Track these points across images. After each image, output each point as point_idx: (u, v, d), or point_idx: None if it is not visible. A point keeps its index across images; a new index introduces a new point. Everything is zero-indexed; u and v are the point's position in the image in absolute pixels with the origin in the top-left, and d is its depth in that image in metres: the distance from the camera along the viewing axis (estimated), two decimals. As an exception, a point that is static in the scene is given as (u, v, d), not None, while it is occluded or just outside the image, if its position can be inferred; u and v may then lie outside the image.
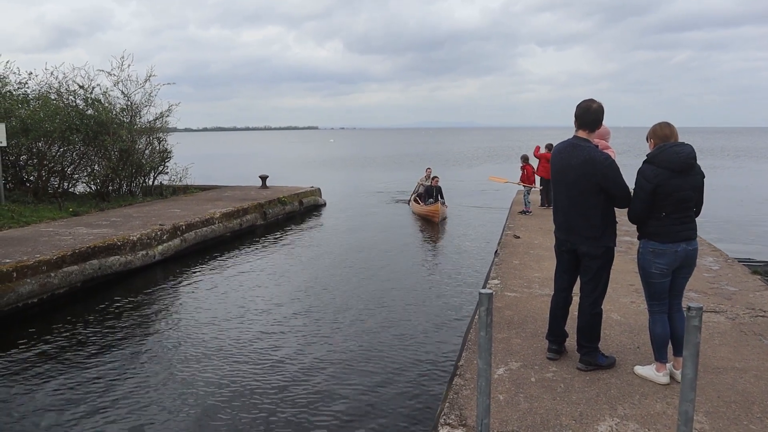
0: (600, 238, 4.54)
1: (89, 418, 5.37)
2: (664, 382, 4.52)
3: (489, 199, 21.48)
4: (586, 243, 4.56)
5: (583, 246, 4.59)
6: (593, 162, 4.44)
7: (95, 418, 5.37)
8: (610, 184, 4.43)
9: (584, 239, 4.56)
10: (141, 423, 5.29)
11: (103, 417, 5.38)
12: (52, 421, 5.32)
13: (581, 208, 4.54)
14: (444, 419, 3.94)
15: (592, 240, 4.54)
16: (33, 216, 13.12)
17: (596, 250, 4.56)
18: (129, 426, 5.23)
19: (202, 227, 13.15)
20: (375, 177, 33.71)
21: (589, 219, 4.52)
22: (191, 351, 6.96)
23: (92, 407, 5.57)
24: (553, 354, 4.96)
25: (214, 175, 27.33)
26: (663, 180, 4.20)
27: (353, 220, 17.41)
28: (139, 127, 18.12)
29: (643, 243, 4.46)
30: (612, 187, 4.44)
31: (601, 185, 4.44)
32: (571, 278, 4.86)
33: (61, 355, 6.89)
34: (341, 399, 5.70)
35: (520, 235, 10.82)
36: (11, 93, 16.89)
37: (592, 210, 4.51)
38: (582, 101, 4.67)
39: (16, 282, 8.33)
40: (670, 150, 4.23)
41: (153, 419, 5.35)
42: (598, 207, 4.50)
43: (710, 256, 8.98)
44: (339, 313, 8.32)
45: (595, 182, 4.44)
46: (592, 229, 4.53)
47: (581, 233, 4.57)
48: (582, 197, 4.52)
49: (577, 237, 4.60)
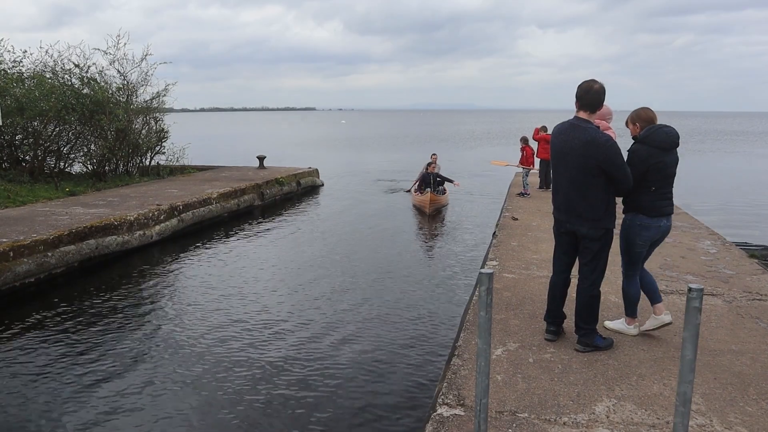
0: (600, 219, 4.52)
1: (86, 396, 5.38)
2: (633, 334, 5.13)
3: (487, 182, 21.43)
4: (585, 225, 4.55)
5: (582, 228, 4.57)
6: (595, 143, 4.41)
7: (92, 396, 5.38)
8: (611, 166, 4.41)
9: (584, 221, 4.55)
10: (138, 401, 5.30)
11: (99, 395, 5.40)
12: (48, 400, 5.34)
13: (581, 189, 4.51)
14: (442, 399, 3.95)
15: (592, 222, 4.53)
16: (29, 196, 13.06)
17: (596, 232, 4.55)
18: (126, 404, 5.25)
19: (199, 207, 13.11)
20: (374, 158, 33.59)
21: (589, 200, 4.50)
22: (189, 330, 6.96)
23: (89, 386, 5.58)
24: (551, 335, 4.96)
25: (211, 156, 27.20)
26: (655, 158, 4.58)
27: (351, 201, 17.36)
28: (135, 107, 17.97)
29: (630, 216, 4.81)
30: (613, 169, 4.42)
31: (602, 167, 4.41)
32: (570, 260, 4.86)
33: (58, 335, 6.88)
34: (338, 379, 5.72)
35: (518, 217, 10.81)
36: (6, 71, 16.71)
37: (593, 191, 4.49)
38: (583, 81, 4.62)
39: (13, 261, 8.30)
40: (660, 131, 4.63)
41: (150, 397, 5.37)
42: (598, 188, 4.48)
43: (708, 240, 8.99)
44: (335, 294, 8.32)
45: (596, 164, 4.42)
46: (592, 210, 4.51)
47: (581, 215, 4.55)
48: (582, 178, 4.49)
49: (577, 218, 4.58)
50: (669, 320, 5.14)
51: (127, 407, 5.20)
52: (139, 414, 5.10)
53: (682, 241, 8.87)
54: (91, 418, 5.03)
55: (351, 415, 5.07)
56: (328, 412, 5.12)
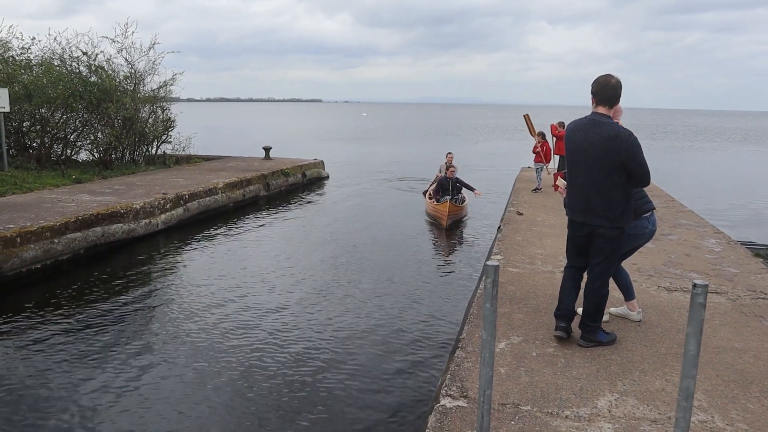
0: (618, 218, 4.44)
1: (90, 383, 5.43)
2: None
3: (491, 176, 21.39)
4: (603, 224, 4.46)
5: (600, 228, 4.48)
6: (618, 138, 4.30)
7: (96, 382, 5.43)
8: (634, 162, 4.32)
9: (602, 219, 4.45)
10: (141, 387, 5.35)
11: (104, 381, 5.45)
12: (53, 385, 5.39)
13: (602, 186, 4.41)
14: (445, 390, 3.98)
15: (609, 220, 4.43)
16: (36, 182, 13.12)
17: (611, 232, 4.47)
18: (129, 389, 5.29)
19: (205, 197, 13.15)
20: (383, 151, 33.54)
21: (610, 198, 4.40)
22: (193, 319, 7.00)
23: (94, 372, 5.63)
24: (561, 332, 4.77)
25: (217, 146, 27.22)
26: None
27: (355, 192, 17.38)
28: (142, 96, 18.00)
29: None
30: (635, 165, 4.32)
31: (625, 163, 4.31)
32: (584, 255, 4.75)
33: (64, 321, 6.94)
34: (342, 371, 5.75)
35: (523, 212, 10.81)
36: (14, 58, 16.75)
37: (613, 188, 4.39)
38: (599, 76, 4.53)
39: (20, 247, 8.35)
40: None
41: (152, 384, 5.41)
42: (619, 185, 4.39)
43: (713, 238, 8.98)
44: (338, 286, 8.35)
45: (620, 159, 4.31)
46: (611, 208, 4.41)
47: (600, 213, 4.45)
48: (604, 176, 4.38)
49: (595, 217, 4.48)
50: (637, 319, 5.30)
51: (129, 393, 5.25)
52: (141, 400, 5.15)
53: (686, 239, 8.87)
54: (94, 403, 5.07)
55: (354, 406, 5.10)
56: (331, 402, 5.16)
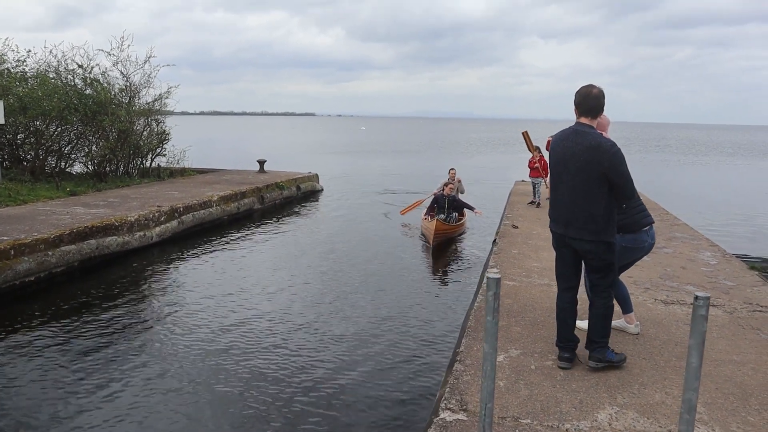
0: (601, 231, 4.26)
1: (84, 396, 5.37)
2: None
3: (485, 190, 21.43)
4: (585, 238, 4.30)
5: (583, 243, 4.33)
6: (600, 148, 4.18)
7: (90, 396, 5.37)
8: (616, 173, 4.17)
9: (586, 233, 4.29)
10: (136, 400, 5.28)
11: (97, 395, 5.38)
12: (47, 399, 5.32)
13: (584, 198, 4.26)
14: (445, 404, 3.95)
15: (594, 234, 4.26)
16: (30, 195, 13.05)
17: (598, 247, 4.31)
18: (124, 404, 5.23)
19: (199, 210, 13.11)
20: (379, 164, 33.60)
21: (591, 211, 4.25)
22: (187, 331, 6.94)
23: (88, 385, 5.57)
24: (565, 363, 4.59)
25: (211, 159, 27.21)
26: None
27: (350, 205, 17.37)
28: (137, 109, 17.99)
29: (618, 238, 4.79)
30: (616, 176, 4.18)
31: (607, 174, 4.17)
32: (575, 272, 4.57)
33: (58, 333, 6.87)
34: (336, 386, 5.70)
35: (519, 226, 10.83)
36: (9, 70, 16.74)
37: (596, 201, 4.24)
38: (581, 87, 4.40)
39: (13, 260, 8.29)
40: None
41: (147, 397, 5.35)
42: (602, 198, 4.23)
43: (708, 251, 9.01)
44: (332, 300, 8.29)
45: (601, 170, 4.17)
46: (593, 221, 4.25)
47: (582, 226, 4.29)
48: (586, 187, 4.24)
49: (576, 230, 4.32)
50: (635, 332, 5.33)
51: (124, 407, 5.18)
52: (137, 414, 5.09)
53: (682, 251, 8.89)
54: (88, 418, 5.01)
55: (351, 421, 5.05)
56: (329, 417, 5.10)
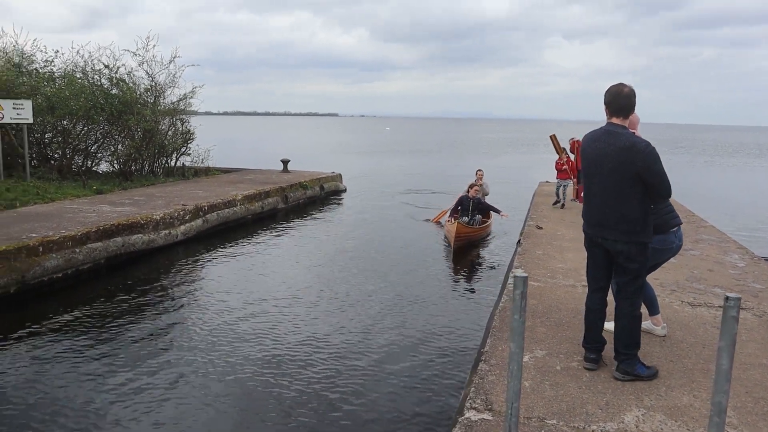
0: (638, 233, 4.17)
1: (110, 392, 5.44)
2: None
3: (508, 191, 21.29)
4: (621, 240, 4.21)
5: (617, 244, 4.23)
6: (633, 149, 4.07)
7: (116, 392, 5.44)
8: (651, 173, 4.06)
9: (620, 234, 4.20)
10: (160, 397, 5.35)
11: (123, 390, 5.46)
12: (72, 394, 5.40)
13: (618, 200, 4.17)
14: (470, 403, 3.94)
15: (628, 235, 4.18)
16: (57, 193, 13.27)
17: (632, 249, 4.20)
18: (147, 399, 5.30)
19: (224, 209, 13.22)
20: (400, 164, 33.59)
21: (627, 212, 4.15)
22: (212, 329, 7.01)
23: (113, 381, 5.65)
24: (591, 363, 4.54)
25: (235, 159, 27.40)
26: None
27: (373, 205, 17.37)
28: (162, 108, 18.21)
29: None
30: (652, 176, 4.07)
31: (641, 175, 4.07)
32: (606, 274, 4.49)
33: (84, 329, 6.98)
34: (363, 382, 5.71)
35: (543, 227, 10.75)
36: (37, 71, 17.04)
37: (630, 202, 4.14)
38: (611, 86, 4.30)
39: (42, 256, 8.44)
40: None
41: (171, 394, 5.41)
42: (636, 199, 4.13)
43: (736, 254, 8.86)
44: (356, 300, 8.31)
45: (636, 171, 4.07)
46: (629, 223, 4.16)
47: (617, 228, 4.20)
48: (619, 188, 4.15)
49: (612, 232, 4.24)
50: (662, 333, 5.28)
51: (151, 401, 5.25)
52: (164, 408, 5.15)
53: (709, 254, 8.76)
54: (112, 412, 5.08)
55: (374, 418, 5.06)
56: (354, 413, 5.12)
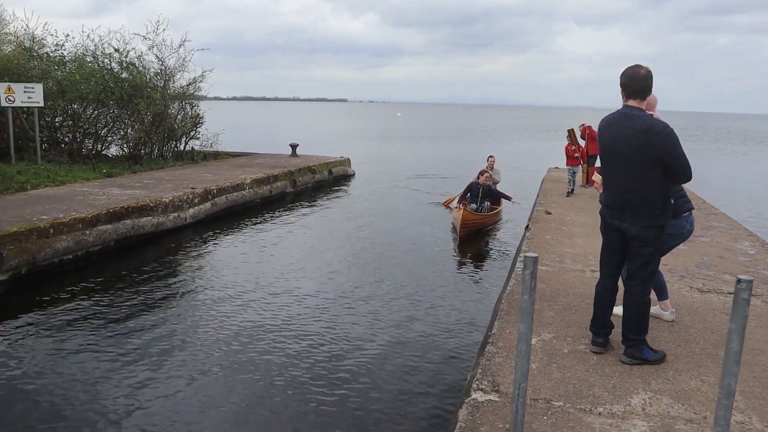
0: (658, 216, 4.11)
1: (119, 374, 5.50)
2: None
3: (517, 176, 21.20)
4: (638, 223, 4.13)
5: (633, 227, 4.16)
6: (651, 131, 3.98)
7: (124, 374, 5.49)
8: (669, 156, 3.98)
9: (639, 218, 4.12)
10: (169, 380, 5.39)
11: (131, 373, 5.51)
12: (81, 376, 5.45)
13: (639, 183, 4.09)
14: (477, 384, 3.95)
15: (648, 218, 4.10)
16: (68, 176, 13.34)
17: (648, 233, 4.13)
18: (158, 383, 5.35)
19: (232, 192, 13.26)
20: (410, 149, 33.52)
21: (646, 196, 4.08)
22: (220, 311, 7.06)
23: (123, 363, 5.70)
24: (598, 347, 4.52)
25: (244, 143, 27.40)
26: None
27: (381, 190, 17.38)
28: (172, 92, 18.22)
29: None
30: (670, 159, 3.99)
31: (660, 157, 3.98)
32: (620, 260, 4.43)
33: (94, 310, 7.04)
34: (371, 364, 5.74)
35: (552, 212, 10.71)
36: (48, 55, 17.07)
37: (649, 185, 4.07)
38: (627, 68, 4.19)
39: (52, 238, 8.50)
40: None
41: (181, 377, 5.46)
42: (656, 181, 4.06)
43: (747, 241, 8.80)
44: (363, 283, 8.34)
45: (655, 153, 3.98)
46: (648, 206, 4.09)
47: (636, 211, 4.13)
48: (639, 171, 4.07)
49: (631, 216, 4.16)
50: (670, 318, 5.26)
51: (156, 386, 5.30)
52: (167, 393, 5.19)
53: (719, 241, 8.70)
54: (122, 395, 5.12)
55: (383, 398, 5.09)
56: (361, 393, 5.15)
